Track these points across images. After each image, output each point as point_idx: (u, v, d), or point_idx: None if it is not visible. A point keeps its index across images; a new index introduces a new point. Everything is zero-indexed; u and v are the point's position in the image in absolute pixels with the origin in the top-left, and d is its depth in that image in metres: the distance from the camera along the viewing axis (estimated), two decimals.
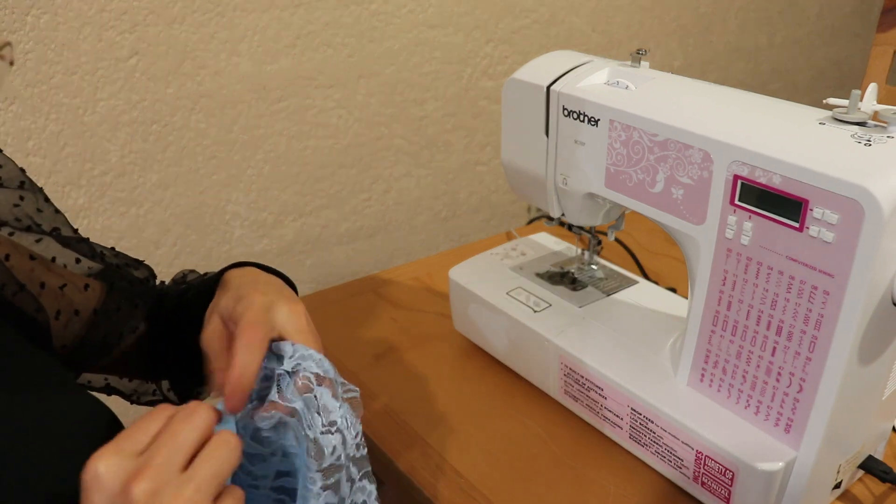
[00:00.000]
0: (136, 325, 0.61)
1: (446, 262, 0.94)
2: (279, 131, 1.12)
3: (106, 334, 0.59)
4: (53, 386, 0.48)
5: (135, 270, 0.64)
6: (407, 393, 0.76)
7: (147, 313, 0.63)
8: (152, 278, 0.66)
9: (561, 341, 0.69)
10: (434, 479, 0.66)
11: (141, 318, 0.62)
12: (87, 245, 0.60)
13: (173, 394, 0.68)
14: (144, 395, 0.67)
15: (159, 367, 0.65)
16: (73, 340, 0.55)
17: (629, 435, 0.66)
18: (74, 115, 0.96)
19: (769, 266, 0.53)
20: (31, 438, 0.43)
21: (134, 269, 0.64)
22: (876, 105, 0.52)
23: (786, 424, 0.55)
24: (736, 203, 0.53)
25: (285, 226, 1.19)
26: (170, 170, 1.05)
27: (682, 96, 0.60)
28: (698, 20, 1.50)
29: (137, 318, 0.62)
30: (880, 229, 0.45)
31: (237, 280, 0.51)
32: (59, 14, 0.91)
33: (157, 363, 0.65)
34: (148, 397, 0.68)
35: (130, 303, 0.61)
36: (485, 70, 1.27)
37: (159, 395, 0.68)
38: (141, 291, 0.63)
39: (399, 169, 1.26)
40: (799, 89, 1.76)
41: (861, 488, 0.64)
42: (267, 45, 1.06)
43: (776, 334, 0.54)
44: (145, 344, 0.63)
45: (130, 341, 0.61)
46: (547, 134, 0.68)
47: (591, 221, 0.72)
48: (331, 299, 0.94)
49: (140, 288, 0.63)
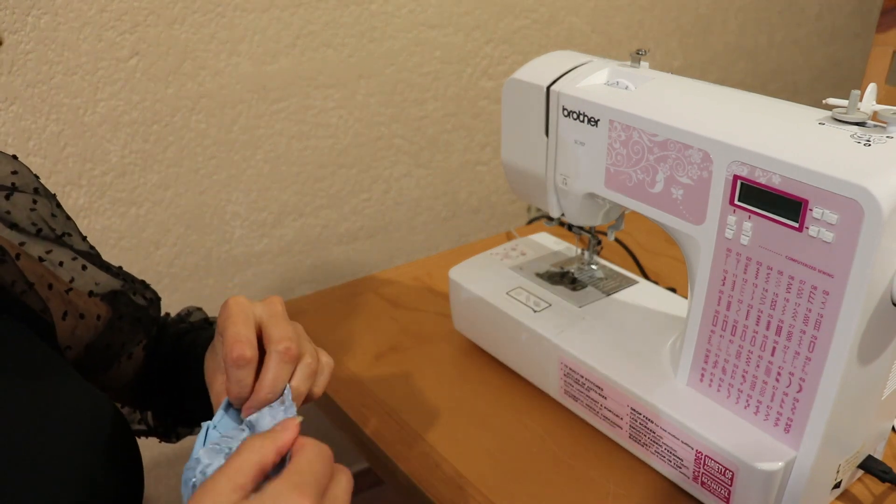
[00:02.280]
0: (131, 351, 0.62)
1: (446, 262, 0.95)
2: (279, 131, 1.12)
3: (109, 344, 0.59)
4: (55, 375, 0.48)
5: (139, 295, 0.64)
6: (407, 393, 0.76)
7: (146, 342, 0.63)
8: (156, 303, 0.66)
9: (561, 341, 0.69)
10: (434, 479, 0.66)
11: (138, 344, 0.62)
12: (98, 257, 0.60)
13: (157, 424, 0.68)
14: (132, 422, 0.67)
15: (148, 397, 0.65)
16: (76, 344, 0.55)
17: (629, 435, 0.66)
18: (75, 116, 0.96)
19: (769, 266, 0.53)
20: (31, 426, 0.44)
21: (139, 294, 0.64)
22: (875, 105, 0.52)
23: (785, 424, 0.55)
24: (735, 203, 0.53)
25: (285, 226, 1.19)
26: (170, 170, 1.06)
27: (681, 96, 0.60)
28: (698, 20, 1.50)
29: (136, 341, 0.62)
30: (880, 229, 0.45)
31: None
32: (60, 14, 0.91)
33: (147, 393, 0.65)
34: (134, 426, 0.68)
35: (132, 325, 0.61)
36: (485, 70, 1.27)
37: (144, 424, 0.68)
38: (143, 318, 0.63)
39: (399, 169, 1.26)
40: (798, 89, 1.76)
41: (861, 488, 0.64)
42: (267, 46, 1.06)
43: (776, 334, 0.54)
44: (140, 371, 0.63)
45: (126, 365, 0.62)
46: (547, 134, 0.68)
47: (590, 221, 0.72)
48: (331, 299, 0.94)
49: (142, 314, 0.63)
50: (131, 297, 0.62)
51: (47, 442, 0.44)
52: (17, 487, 0.41)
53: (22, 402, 0.44)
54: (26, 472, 0.42)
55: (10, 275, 0.50)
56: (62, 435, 0.45)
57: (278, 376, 0.44)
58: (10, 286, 0.50)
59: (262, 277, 1.21)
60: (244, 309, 0.45)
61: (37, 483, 0.42)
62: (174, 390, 0.63)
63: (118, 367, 0.60)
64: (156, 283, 1.12)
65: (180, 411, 0.65)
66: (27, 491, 0.41)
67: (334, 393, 0.76)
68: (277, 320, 0.46)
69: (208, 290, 1.16)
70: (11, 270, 0.50)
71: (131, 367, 0.62)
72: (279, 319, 0.46)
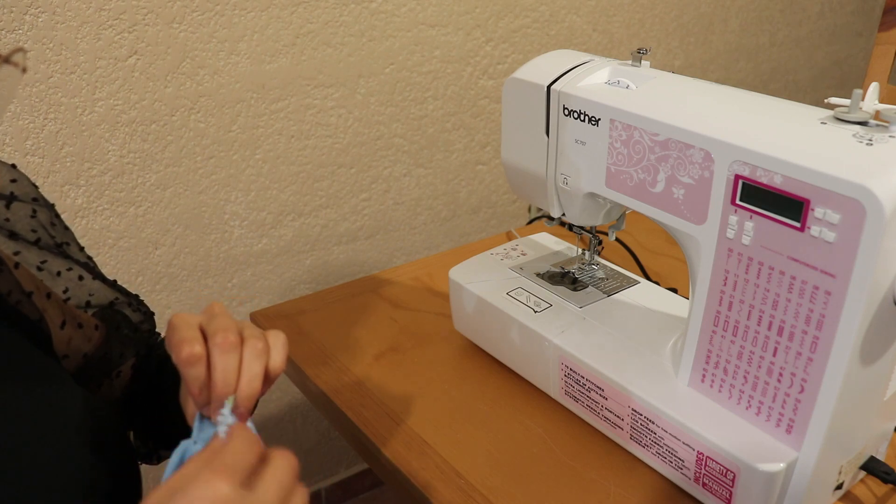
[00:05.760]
0: (120, 369, 0.61)
1: (446, 262, 0.94)
2: (278, 131, 1.12)
3: (107, 355, 0.59)
4: (52, 380, 0.48)
5: (134, 309, 0.63)
6: (407, 393, 0.76)
7: (135, 360, 0.63)
8: (150, 318, 0.65)
9: (561, 341, 0.69)
10: (434, 479, 0.65)
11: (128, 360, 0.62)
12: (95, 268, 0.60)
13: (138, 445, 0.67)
14: None
15: (131, 418, 0.65)
16: (74, 353, 0.55)
17: (630, 435, 0.66)
18: (73, 115, 0.96)
19: (770, 266, 0.53)
20: (29, 430, 0.44)
21: (134, 307, 0.63)
22: (877, 104, 0.51)
23: (787, 425, 0.55)
24: (737, 203, 0.53)
25: (285, 225, 1.19)
26: (169, 169, 1.05)
27: (683, 96, 0.59)
28: (699, 19, 1.49)
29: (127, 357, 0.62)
30: (882, 229, 0.45)
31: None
32: (58, 13, 0.91)
33: (131, 414, 0.65)
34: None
35: (125, 341, 0.61)
36: (485, 69, 1.27)
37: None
38: (137, 333, 0.63)
39: (399, 169, 1.26)
40: (800, 89, 1.76)
41: (863, 489, 0.63)
42: (266, 45, 1.06)
43: (777, 335, 0.54)
44: (126, 390, 0.63)
45: (115, 383, 0.61)
46: (547, 133, 0.67)
47: (591, 221, 0.72)
48: (331, 299, 0.94)
49: (136, 330, 0.63)
50: (126, 311, 0.62)
51: (45, 445, 0.44)
52: (17, 489, 0.41)
53: (19, 406, 0.44)
54: (25, 475, 0.42)
55: (6, 284, 0.50)
56: (60, 438, 0.45)
57: (226, 367, 0.43)
58: (7, 295, 0.50)
59: (262, 277, 1.21)
60: (185, 319, 0.46)
61: (36, 486, 0.42)
62: (156, 413, 0.62)
63: (108, 385, 0.60)
64: (154, 284, 1.12)
65: (161, 434, 0.65)
66: (27, 493, 0.41)
67: (334, 394, 0.76)
68: (214, 318, 0.46)
69: (207, 291, 1.16)
70: (8, 280, 0.50)
71: (119, 386, 0.62)
72: (216, 317, 0.46)
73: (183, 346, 0.43)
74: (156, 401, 0.62)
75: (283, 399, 1.33)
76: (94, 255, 1.03)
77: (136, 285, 1.10)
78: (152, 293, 1.12)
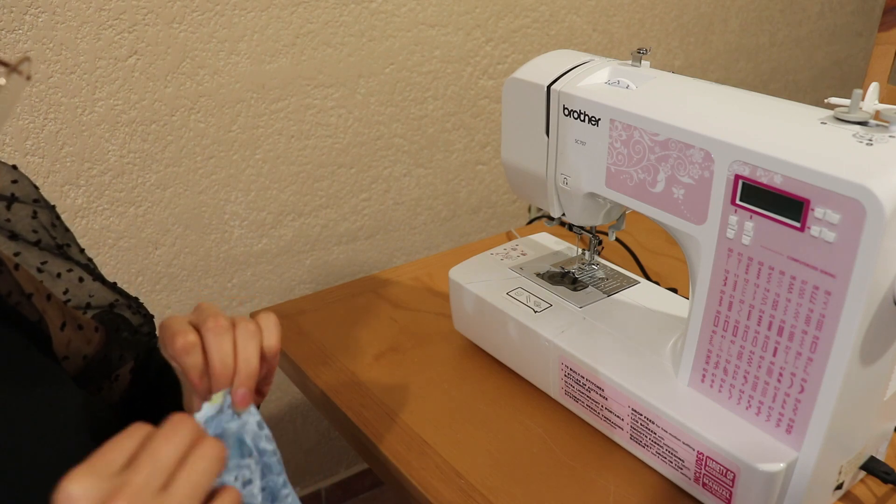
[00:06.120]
0: (119, 372, 0.61)
1: (446, 262, 0.94)
2: (278, 131, 1.12)
3: (106, 357, 0.59)
4: (52, 381, 0.48)
5: (133, 312, 0.63)
6: (406, 393, 0.76)
7: (133, 364, 0.63)
8: (149, 321, 0.65)
9: (561, 342, 0.69)
10: (434, 479, 0.65)
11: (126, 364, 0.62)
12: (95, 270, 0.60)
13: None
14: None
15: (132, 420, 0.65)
16: (74, 355, 0.55)
17: (630, 436, 0.66)
18: (73, 115, 0.96)
19: (770, 266, 0.53)
20: (29, 430, 0.44)
21: (133, 310, 0.63)
22: (877, 104, 0.51)
23: (787, 425, 0.55)
24: (737, 203, 0.53)
25: (284, 225, 1.19)
26: (169, 169, 1.05)
27: (683, 96, 0.59)
28: (699, 19, 1.49)
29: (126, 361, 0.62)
30: (882, 229, 0.45)
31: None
32: (58, 13, 0.91)
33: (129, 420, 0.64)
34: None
35: (124, 344, 0.61)
36: (485, 69, 1.27)
37: None
38: (136, 336, 0.63)
39: (399, 169, 1.26)
40: (800, 89, 1.76)
41: (863, 489, 0.63)
42: (266, 45, 1.06)
43: (777, 335, 0.54)
44: (125, 395, 0.63)
45: (114, 387, 0.61)
46: (547, 133, 0.67)
47: (591, 221, 0.72)
48: (331, 299, 0.94)
49: (135, 332, 0.63)
50: (126, 313, 0.62)
51: (45, 445, 0.44)
52: (17, 489, 0.41)
53: (19, 406, 0.44)
54: (25, 475, 0.42)
55: (6, 285, 0.50)
56: (60, 439, 0.45)
57: (221, 349, 0.44)
58: (7, 296, 0.50)
59: (262, 277, 1.21)
60: (177, 318, 0.46)
61: (35, 486, 0.42)
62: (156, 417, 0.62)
63: (108, 388, 0.60)
64: (154, 284, 1.12)
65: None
66: (26, 493, 0.41)
67: (334, 394, 0.76)
68: (203, 312, 0.47)
69: (207, 291, 1.16)
70: (8, 281, 0.50)
71: (118, 389, 0.62)
72: (204, 310, 0.47)
73: (176, 338, 0.43)
74: (155, 404, 0.62)
75: (283, 399, 1.33)
76: (93, 255, 1.03)
77: (136, 285, 1.10)
78: (152, 293, 1.12)
